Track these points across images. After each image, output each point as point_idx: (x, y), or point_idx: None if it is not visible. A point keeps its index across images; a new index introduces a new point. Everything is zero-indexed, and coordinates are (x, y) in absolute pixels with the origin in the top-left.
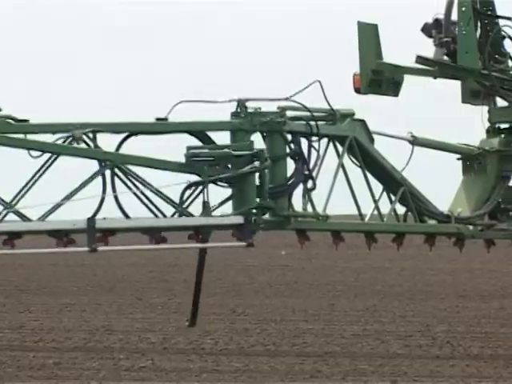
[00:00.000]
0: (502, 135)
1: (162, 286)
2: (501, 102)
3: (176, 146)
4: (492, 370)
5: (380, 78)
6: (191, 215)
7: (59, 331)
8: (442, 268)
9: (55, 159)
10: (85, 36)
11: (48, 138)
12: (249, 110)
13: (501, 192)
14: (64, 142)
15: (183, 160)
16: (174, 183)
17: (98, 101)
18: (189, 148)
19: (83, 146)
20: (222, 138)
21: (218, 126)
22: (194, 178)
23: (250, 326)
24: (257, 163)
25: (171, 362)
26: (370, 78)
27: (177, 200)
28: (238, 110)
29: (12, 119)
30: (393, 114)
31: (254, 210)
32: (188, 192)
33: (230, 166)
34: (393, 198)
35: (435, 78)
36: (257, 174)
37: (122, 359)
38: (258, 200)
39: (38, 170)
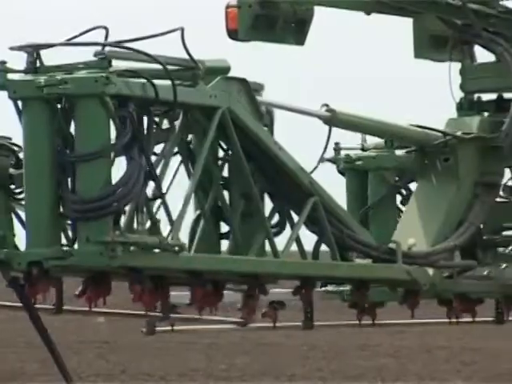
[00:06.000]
0: (486, 112)
1: None
2: (482, 57)
3: None
4: None
5: (272, 13)
6: None
7: None
8: None
9: None
10: None
11: None
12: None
13: (483, 211)
14: None
15: None
16: None
17: None
18: None
19: None
20: None
21: None
22: None
23: None
24: None
25: None
26: (254, 12)
27: None
28: None
29: None
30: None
31: None
32: None
33: None
34: (295, 217)
35: (368, 13)
36: None
37: None
38: None
39: None
